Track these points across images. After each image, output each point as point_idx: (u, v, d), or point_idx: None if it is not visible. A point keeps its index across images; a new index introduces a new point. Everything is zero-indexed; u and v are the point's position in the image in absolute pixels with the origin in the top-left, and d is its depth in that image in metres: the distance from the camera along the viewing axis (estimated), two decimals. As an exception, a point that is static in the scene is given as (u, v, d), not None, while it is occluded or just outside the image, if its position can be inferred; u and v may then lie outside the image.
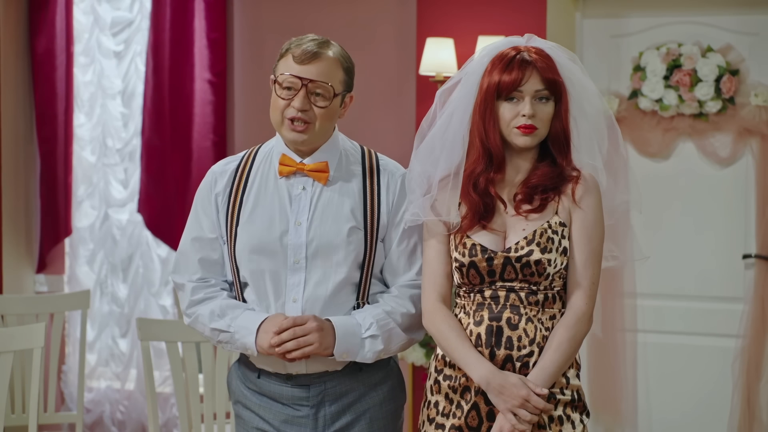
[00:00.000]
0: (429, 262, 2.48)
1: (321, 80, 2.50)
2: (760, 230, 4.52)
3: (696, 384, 4.66)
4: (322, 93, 2.51)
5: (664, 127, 4.62)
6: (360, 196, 2.56)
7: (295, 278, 2.52)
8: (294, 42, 2.55)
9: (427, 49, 4.59)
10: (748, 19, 4.55)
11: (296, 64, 2.51)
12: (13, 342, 3.30)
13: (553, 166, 2.44)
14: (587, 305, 2.40)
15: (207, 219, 2.61)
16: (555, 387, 2.39)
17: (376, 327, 2.50)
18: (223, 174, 2.62)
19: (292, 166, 2.55)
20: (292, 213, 2.54)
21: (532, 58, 2.41)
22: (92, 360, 5.33)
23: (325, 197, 2.55)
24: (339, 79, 2.53)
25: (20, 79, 5.24)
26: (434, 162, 2.49)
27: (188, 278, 2.61)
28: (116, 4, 5.27)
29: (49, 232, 5.24)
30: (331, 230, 2.52)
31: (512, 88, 2.40)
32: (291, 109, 2.50)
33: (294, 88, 2.50)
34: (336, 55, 2.54)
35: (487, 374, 2.35)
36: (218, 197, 2.60)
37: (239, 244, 2.55)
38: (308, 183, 2.56)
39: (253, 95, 5.07)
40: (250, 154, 2.65)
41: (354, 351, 2.50)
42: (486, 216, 2.42)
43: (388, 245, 2.57)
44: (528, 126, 2.40)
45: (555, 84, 2.41)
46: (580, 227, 2.41)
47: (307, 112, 2.50)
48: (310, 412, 2.56)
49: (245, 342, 2.51)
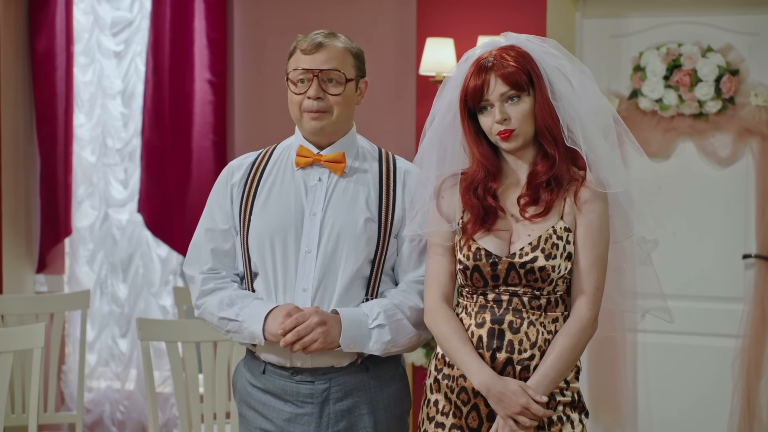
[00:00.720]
0: (433, 260, 2.48)
1: (331, 67, 2.52)
2: (760, 230, 4.52)
3: (696, 384, 4.66)
4: (334, 80, 2.53)
5: (664, 127, 4.62)
6: (376, 190, 2.57)
7: (306, 267, 2.52)
8: (300, 38, 2.58)
9: (427, 49, 4.59)
10: (748, 19, 4.55)
11: (305, 57, 2.53)
12: (13, 342, 3.31)
13: (547, 159, 2.41)
14: (591, 311, 2.39)
15: (220, 210, 2.63)
16: (555, 388, 2.38)
17: (383, 317, 2.50)
18: (240, 167, 2.65)
19: (309, 157, 2.57)
20: (307, 203, 2.55)
21: (490, 63, 2.40)
22: (92, 360, 5.33)
23: (341, 188, 2.56)
24: (350, 64, 2.56)
25: (20, 79, 5.24)
26: (428, 166, 2.50)
27: (199, 269, 2.62)
28: (116, 4, 5.27)
29: (49, 232, 5.24)
30: (345, 221, 2.53)
31: (479, 99, 2.40)
32: (306, 100, 2.53)
33: (306, 80, 2.53)
34: (343, 43, 2.57)
35: (487, 381, 2.34)
36: (233, 188, 2.62)
37: (252, 232, 2.56)
38: (324, 174, 2.57)
39: (253, 95, 5.07)
40: (268, 150, 2.68)
41: (361, 341, 2.49)
42: (488, 219, 2.41)
43: (401, 241, 2.58)
44: (504, 131, 2.39)
45: (518, 82, 2.38)
46: (584, 232, 2.40)
47: (322, 101, 2.53)
48: (315, 410, 2.55)
49: (253, 330, 2.50)
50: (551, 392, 2.38)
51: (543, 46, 2.44)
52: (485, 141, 2.46)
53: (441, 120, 2.49)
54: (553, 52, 2.43)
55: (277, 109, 4.98)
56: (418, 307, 2.53)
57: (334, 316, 2.48)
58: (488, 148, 2.45)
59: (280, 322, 2.45)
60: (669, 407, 4.69)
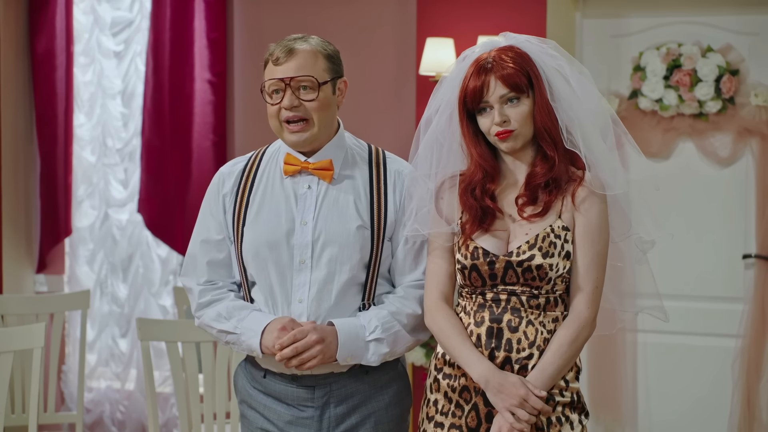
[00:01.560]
0: (432, 261, 2.48)
1: (301, 74, 2.50)
2: (760, 230, 4.52)
3: (696, 384, 4.65)
4: (307, 86, 2.50)
5: (664, 127, 4.62)
6: (366, 195, 2.55)
7: (301, 278, 2.51)
8: (272, 47, 2.56)
9: (427, 49, 4.59)
10: (748, 19, 4.55)
11: (275, 67, 2.52)
12: (13, 342, 3.31)
13: (546, 161, 2.41)
14: (590, 310, 2.39)
15: (214, 221, 2.61)
16: (554, 389, 2.39)
17: (380, 330, 2.49)
18: (230, 175, 2.62)
19: (296, 165, 2.54)
20: (297, 212, 2.53)
21: (489, 65, 2.40)
22: (92, 360, 5.33)
23: (331, 196, 2.54)
24: (321, 67, 2.52)
25: (20, 79, 5.24)
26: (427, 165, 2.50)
27: (196, 281, 2.61)
28: (116, 4, 5.27)
29: (49, 232, 5.24)
30: (337, 229, 2.51)
31: (478, 100, 2.40)
32: (283, 111, 2.50)
33: (279, 90, 2.51)
34: (313, 46, 2.53)
35: (487, 372, 2.35)
36: (226, 198, 2.60)
37: (245, 244, 2.55)
38: (314, 182, 2.55)
39: (253, 95, 5.07)
40: (258, 154, 2.65)
41: (358, 354, 2.49)
42: (485, 220, 2.41)
43: (395, 244, 2.56)
44: (503, 132, 2.39)
45: (517, 83, 2.38)
46: (583, 231, 2.39)
47: (299, 108, 2.50)
48: (315, 414, 2.55)
49: (250, 344, 2.50)
50: (550, 392, 2.37)
51: (542, 47, 2.44)
52: (484, 142, 2.46)
53: (438, 119, 2.48)
54: (552, 53, 2.43)
55: (277, 109, 4.98)
56: (416, 314, 2.53)
57: (331, 330, 2.47)
58: (486, 149, 2.45)
59: (276, 337, 2.44)
60: (669, 407, 4.69)
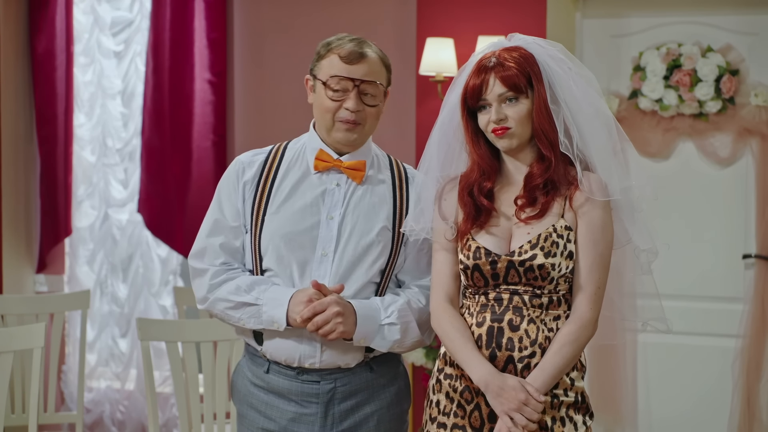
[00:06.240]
0: (437, 263, 2.49)
1: (372, 80, 2.51)
2: (760, 230, 4.52)
3: (696, 384, 4.66)
4: (371, 92, 2.52)
5: (664, 127, 4.62)
6: (390, 200, 2.59)
7: (321, 270, 2.53)
8: (334, 42, 2.54)
9: (427, 49, 4.59)
10: (748, 19, 4.55)
11: (345, 65, 2.50)
12: (13, 342, 3.31)
13: (543, 162, 2.41)
14: (592, 311, 2.39)
15: (231, 207, 2.60)
16: (559, 388, 2.39)
17: (396, 315, 2.52)
18: (251, 164, 2.62)
19: (329, 162, 2.56)
20: (324, 207, 2.55)
21: (491, 63, 2.40)
22: (92, 360, 5.33)
23: (358, 195, 2.57)
24: (384, 76, 2.56)
25: (20, 79, 5.24)
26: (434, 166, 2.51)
27: (210, 263, 2.59)
28: (116, 4, 5.27)
29: (49, 232, 5.24)
30: (362, 227, 2.54)
31: (477, 98, 2.40)
32: (344, 110, 2.51)
33: (346, 89, 2.51)
34: (377, 53, 2.56)
35: (487, 375, 2.35)
36: (246, 186, 2.60)
37: (266, 233, 2.55)
38: (342, 180, 2.57)
39: (253, 95, 5.07)
40: (278, 148, 2.65)
41: (371, 337, 2.51)
42: (479, 217, 2.41)
43: (409, 249, 2.59)
44: (500, 128, 2.40)
45: (516, 84, 2.38)
46: (585, 231, 2.39)
47: (360, 113, 2.52)
48: (319, 410, 2.55)
49: (273, 314, 2.49)
50: (554, 390, 2.38)
51: (548, 49, 2.44)
52: (484, 141, 2.46)
53: (444, 121, 2.50)
54: (558, 56, 2.43)
55: (277, 109, 4.98)
56: (427, 311, 2.54)
57: (350, 307, 2.49)
58: (486, 149, 2.46)
59: (301, 309, 2.45)
60: (669, 407, 4.70)
